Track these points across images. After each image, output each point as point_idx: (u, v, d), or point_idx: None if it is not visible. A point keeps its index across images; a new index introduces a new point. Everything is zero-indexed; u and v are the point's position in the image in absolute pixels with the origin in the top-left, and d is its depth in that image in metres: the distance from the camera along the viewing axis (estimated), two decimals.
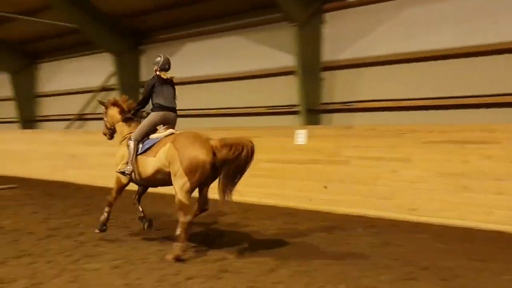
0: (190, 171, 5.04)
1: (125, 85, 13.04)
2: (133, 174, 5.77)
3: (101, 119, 14.03)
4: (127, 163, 5.78)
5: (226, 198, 5.24)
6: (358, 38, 9.77)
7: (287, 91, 10.63)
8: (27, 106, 16.44)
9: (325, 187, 8.66)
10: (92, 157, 13.02)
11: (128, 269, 4.85)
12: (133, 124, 6.21)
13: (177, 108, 6.10)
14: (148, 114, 6.06)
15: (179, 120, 5.90)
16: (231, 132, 10.30)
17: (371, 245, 5.97)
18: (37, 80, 16.66)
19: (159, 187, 6.22)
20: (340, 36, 10.00)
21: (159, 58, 6.03)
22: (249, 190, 9.54)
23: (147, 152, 5.62)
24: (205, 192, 5.59)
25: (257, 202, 9.27)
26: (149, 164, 5.57)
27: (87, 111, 15.02)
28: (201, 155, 5.03)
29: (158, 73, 5.92)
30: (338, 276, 4.61)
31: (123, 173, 5.78)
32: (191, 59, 12.45)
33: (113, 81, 13.51)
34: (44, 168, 14.48)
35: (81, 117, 15.16)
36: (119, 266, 4.94)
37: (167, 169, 5.34)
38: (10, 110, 16.98)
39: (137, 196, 6.55)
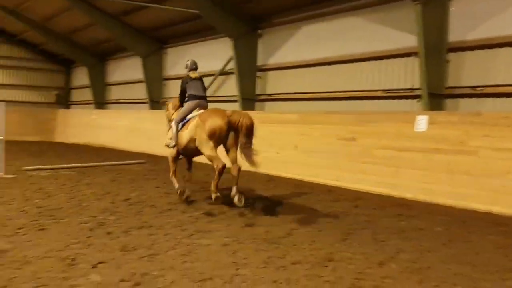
0: (211, 134, 6.66)
1: (243, 68, 13.36)
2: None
3: (219, 101, 14.76)
4: (171, 138, 7.49)
5: (247, 158, 6.83)
6: (490, 16, 8.75)
7: (408, 73, 9.98)
8: (155, 88, 17.78)
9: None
10: None
11: (237, 247, 4.98)
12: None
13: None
14: None
15: (300, 104, 5.90)
16: (345, 117, 10.08)
17: (497, 246, 5.37)
18: (164, 64, 17.89)
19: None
20: (470, 14, 9.04)
21: (188, 62, 8.00)
22: (360, 177, 9.28)
23: (183, 127, 7.25)
24: (233, 155, 7.07)
25: (368, 190, 8.93)
26: (184, 136, 7.18)
27: (207, 94, 15.73)
28: (218, 121, 6.69)
29: (188, 73, 7.76)
30: (455, 277, 4.23)
31: (168, 146, 7.64)
32: (308, 42, 12.30)
33: (231, 65, 13.91)
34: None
35: None
36: (228, 244, 5.10)
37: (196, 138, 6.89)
38: (142, 91, 18.50)
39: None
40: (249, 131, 6.78)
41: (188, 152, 7.52)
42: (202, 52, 16.02)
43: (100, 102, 21.95)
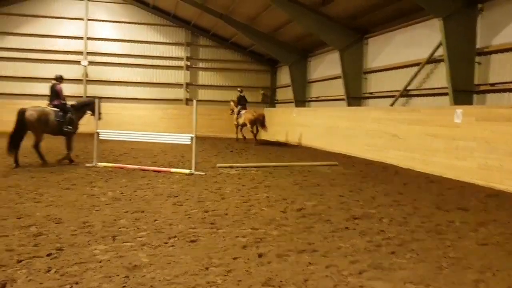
0: (248, 120, 19.29)
1: (456, 53, 10.88)
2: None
3: (425, 95, 12.46)
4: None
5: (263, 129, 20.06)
6: None
7: None
8: (353, 83, 16.38)
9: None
10: (414, 138, 11.67)
11: None
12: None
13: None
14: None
15: None
16: None
17: None
18: (364, 56, 16.34)
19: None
20: None
21: (238, 89, 21.33)
22: None
23: (238, 116, 20.22)
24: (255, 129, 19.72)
25: None
26: (240, 120, 20.10)
27: (412, 87, 13.63)
28: (249, 115, 19.29)
29: (239, 93, 20.81)
30: None
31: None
32: None
33: (441, 51, 11.54)
34: (364, 147, 14.11)
35: (406, 93, 13.91)
36: None
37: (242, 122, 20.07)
38: (339, 87, 17.42)
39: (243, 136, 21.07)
40: (262, 119, 19.32)
41: (241, 126, 20.13)
42: (406, 39, 14.04)
43: (301, 100, 21.71)
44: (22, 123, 10.18)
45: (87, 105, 11.57)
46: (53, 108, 10.85)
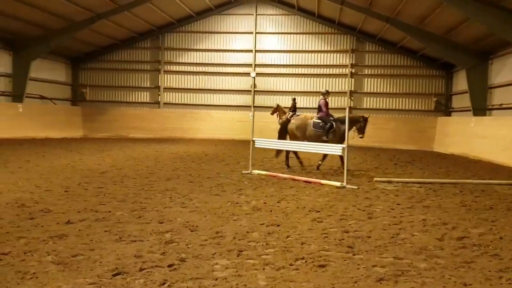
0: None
1: None
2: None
3: None
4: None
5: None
6: None
7: None
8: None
9: None
10: None
11: None
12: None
13: None
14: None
15: None
16: None
17: None
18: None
19: None
20: None
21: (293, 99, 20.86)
22: None
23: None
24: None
25: None
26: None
27: None
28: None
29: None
30: None
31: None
32: None
33: None
34: None
35: None
36: None
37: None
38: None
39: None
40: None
41: None
42: None
43: (480, 108, 19.06)
44: (285, 131, 12.21)
45: (354, 122, 11.72)
46: (316, 120, 12.00)
